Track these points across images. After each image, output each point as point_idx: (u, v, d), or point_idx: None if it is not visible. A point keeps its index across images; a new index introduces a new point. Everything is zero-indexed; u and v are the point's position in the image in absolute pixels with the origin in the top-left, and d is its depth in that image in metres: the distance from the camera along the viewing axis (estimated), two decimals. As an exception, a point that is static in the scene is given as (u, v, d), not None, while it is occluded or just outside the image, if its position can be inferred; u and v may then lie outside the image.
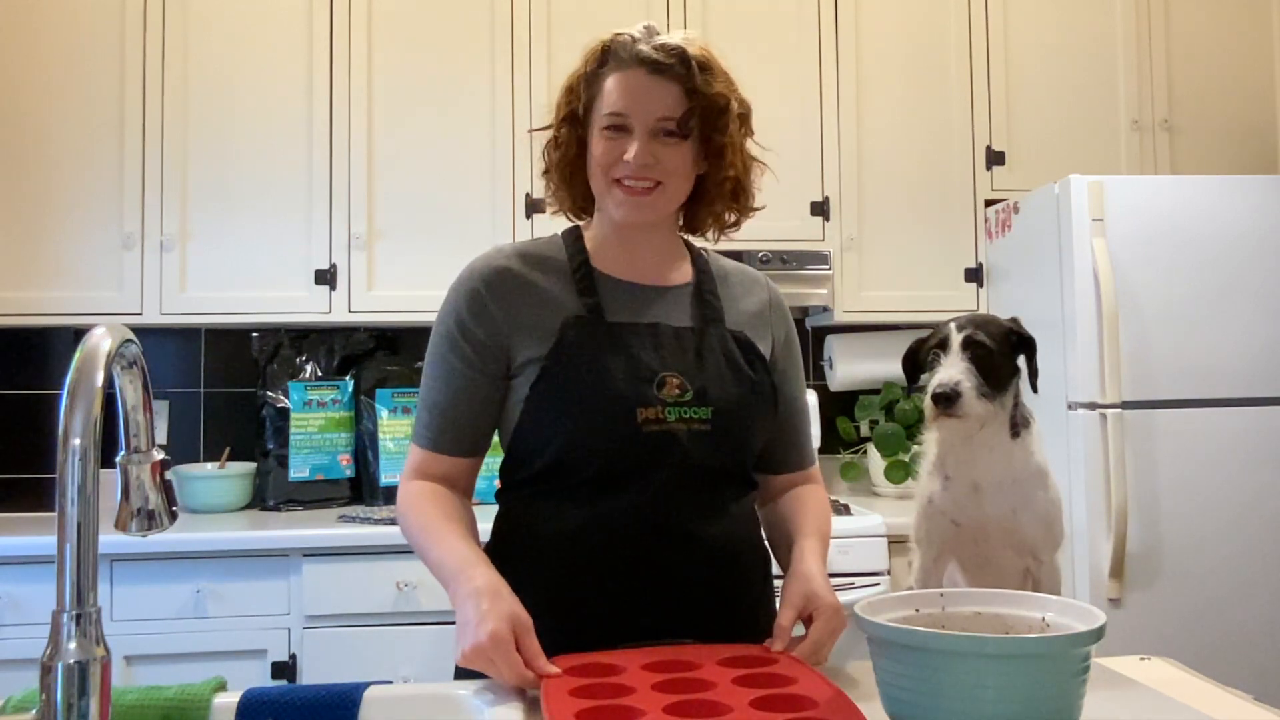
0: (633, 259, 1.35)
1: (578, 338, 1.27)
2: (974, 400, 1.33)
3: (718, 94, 1.26)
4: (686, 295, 1.36)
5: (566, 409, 1.25)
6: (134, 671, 2.34)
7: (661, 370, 1.27)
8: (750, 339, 1.35)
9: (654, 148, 1.25)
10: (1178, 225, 2.56)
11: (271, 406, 2.87)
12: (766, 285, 1.45)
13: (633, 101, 1.25)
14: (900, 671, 0.90)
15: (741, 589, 1.32)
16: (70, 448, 0.72)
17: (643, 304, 1.33)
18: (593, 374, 1.25)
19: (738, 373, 1.31)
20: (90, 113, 2.74)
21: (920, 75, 3.02)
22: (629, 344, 1.28)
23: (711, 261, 1.43)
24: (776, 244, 2.88)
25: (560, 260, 1.34)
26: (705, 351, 1.31)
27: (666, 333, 1.31)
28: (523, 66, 2.86)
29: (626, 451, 1.24)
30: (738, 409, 1.29)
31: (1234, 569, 2.51)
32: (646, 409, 1.25)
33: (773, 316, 1.42)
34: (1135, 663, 1.22)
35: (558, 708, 0.95)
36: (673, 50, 1.24)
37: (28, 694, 1.05)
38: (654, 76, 1.25)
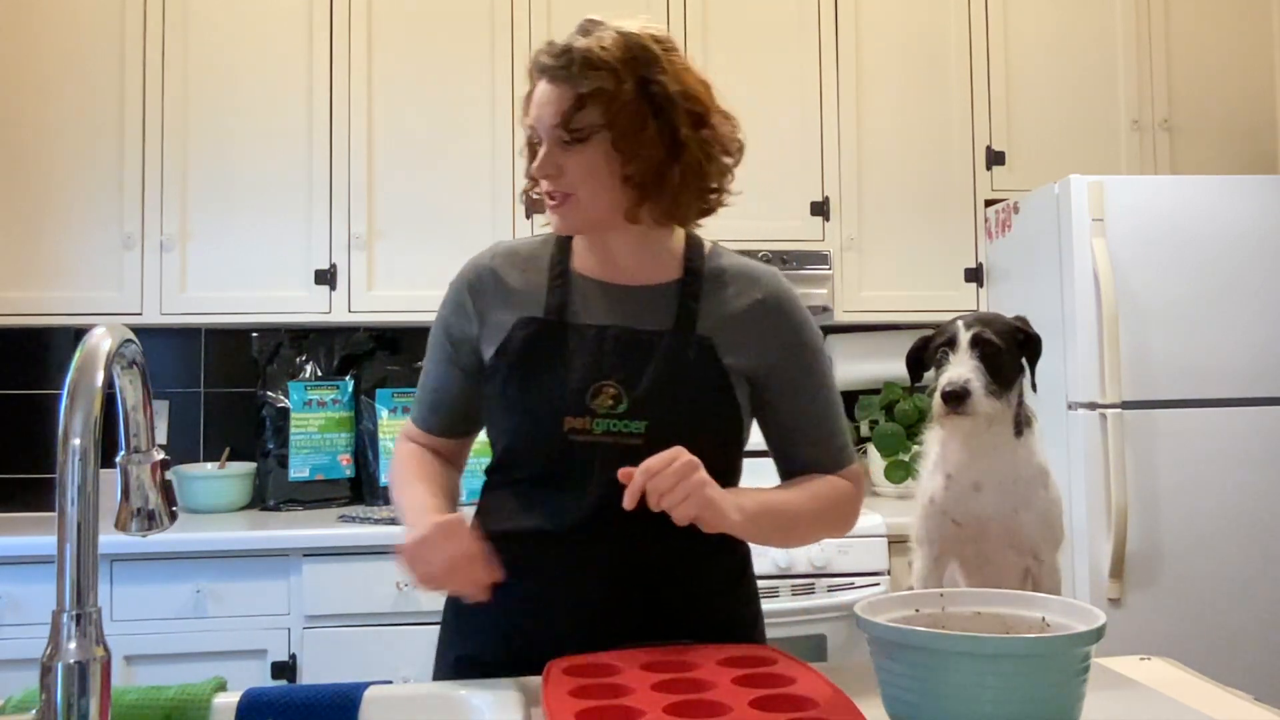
0: (607, 259, 1.32)
1: (524, 340, 1.27)
2: (983, 398, 1.33)
3: (597, 88, 1.19)
4: (667, 295, 1.30)
5: (506, 409, 1.27)
6: (134, 671, 2.34)
7: (599, 379, 1.24)
8: (716, 347, 1.27)
9: (556, 156, 1.22)
10: (1178, 225, 2.56)
11: (271, 406, 2.87)
12: (766, 285, 1.34)
13: (535, 113, 1.24)
14: (900, 671, 0.90)
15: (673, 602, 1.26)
16: (70, 448, 0.72)
17: (612, 305, 1.30)
18: (529, 378, 1.25)
19: (691, 385, 1.25)
20: (90, 113, 2.74)
21: (920, 75, 3.02)
22: (575, 348, 1.26)
23: (712, 259, 1.35)
24: (776, 244, 2.88)
25: (544, 259, 1.34)
26: (659, 359, 1.25)
27: (623, 338, 1.26)
28: (523, 67, 2.86)
29: (554, 458, 1.24)
30: (677, 425, 1.21)
31: (1234, 569, 2.51)
32: (574, 418, 1.23)
33: (766, 321, 1.32)
34: (1135, 663, 1.22)
35: (558, 708, 0.95)
36: (564, 53, 1.21)
37: (28, 694, 1.05)
38: (550, 84, 1.22)
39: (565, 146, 1.22)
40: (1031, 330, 1.40)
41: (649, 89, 1.22)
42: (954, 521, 1.39)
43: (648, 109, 1.22)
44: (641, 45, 1.23)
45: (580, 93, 1.20)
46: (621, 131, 1.21)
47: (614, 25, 1.25)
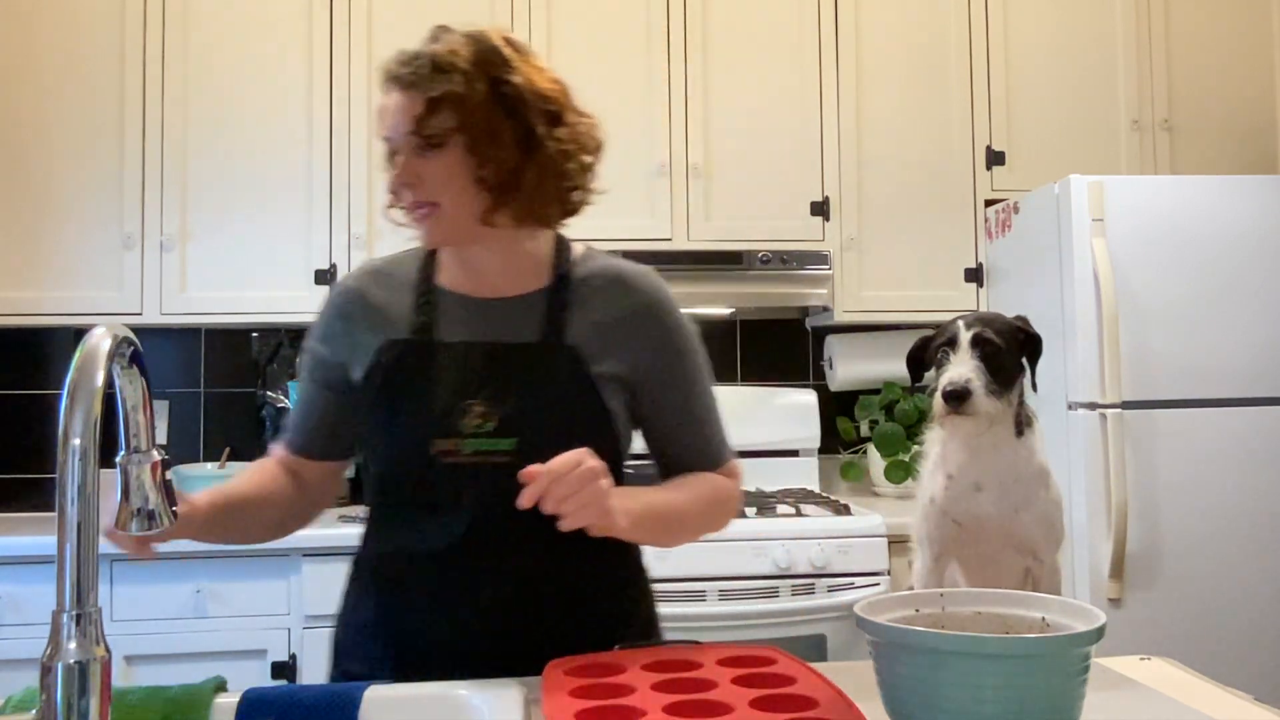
0: (471, 271, 1.29)
1: (391, 361, 1.25)
2: (984, 398, 1.33)
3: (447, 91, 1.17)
4: (534, 306, 1.27)
5: (375, 434, 1.25)
6: (134, 671, 2.34)
7: (468, 397, 1.21)
8: (585, 356, 1.24)
9: (414, 165, 1.20)
10: (1178, 225, 2.56)
11: (271, 406, 2.87)
12: (639, 289, 1.30)
13: (388, 122, 1.21)
14: (900, 671, 0.90)
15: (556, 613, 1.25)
16: (70, 448, 0.72)
17: (480, 320, 1.27)
18: (397, 401, 1.23)
19: (560, 398, 1.23)
20: (90, 113, 2.74)
21: (920, 75, 3.02)
22: (443, 368, 1.23)
23: (582, 264, 1.31)
24: (776, 244, 2.88)
25: (411, 276, 1.31)
26: (527, 374, 1.23)
27: (490, 353, 1.24)
28: (523, 66, 2.86)
29: (428, 482, 1.22)
30: (548, 440, 1.16)
31: (1234, 569, 2.51)
32: (443, 440, 1.21)
33: (637, 324, 1.28)
34: (1135, 663, 1.22)
35: (558, 708, 0.95)
36: (411, 59, 1.20)
37: (28, 694, 1.04)
38: (402, 91, 1.20)
39: (422, 153, 1.20)
40: (1032, 330, 1.40)
41: (501, 90, 1.21)
42: (954, 521, 1.39)
43: (500, 110, 1.20)
44: (491, 47, 1.23)
45: (431, 97, 1.18)
46: (475, 134, 1.19)
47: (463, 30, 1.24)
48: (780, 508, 2.61)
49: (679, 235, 2.88)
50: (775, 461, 3.08)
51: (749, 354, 3.25)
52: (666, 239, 2.88)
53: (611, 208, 2.87)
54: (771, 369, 3.25)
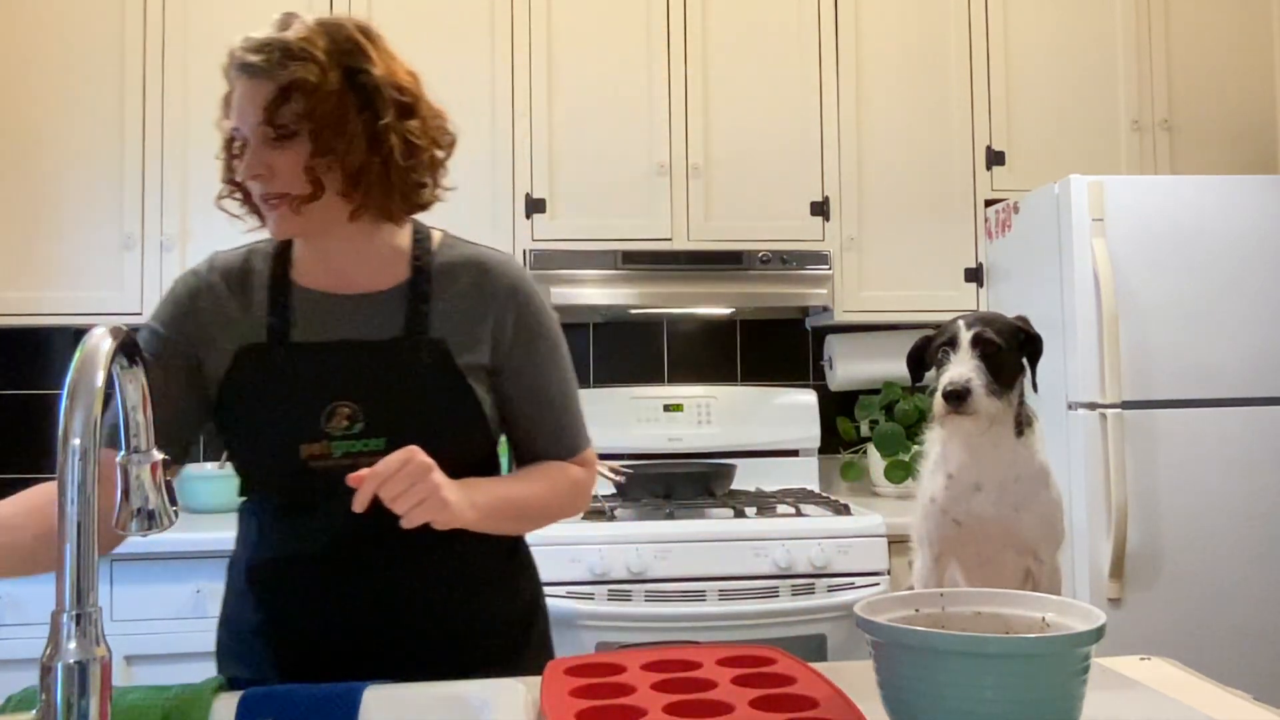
0: (329, 266, 1.26)
1: (250, 367, 1.21)
2: (984, 398, 1.33)
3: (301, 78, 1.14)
4: (394, 300, 1.25)
5: (239, 443, 1.23)
6: (134, 671, 2.34)
7: (334, 399, 1.19)
8: (450, 349, 1.23)
9: (265, 155, 1.17)
10: (1178, 225, 2.56)
11: (271, 406, 2.87)
12: (497, 274, 1.29)
13: (238, 111, 1.18)
14: (900, 671, 0.90)
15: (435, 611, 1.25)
16: (70, 448, 0.72)
17: (338, 318, 1.24)
18: (260, 408, 1.20)
19: (428, 393, 1.21)
20: (90, 113, 2.74)
21: (920, 75, 3.02)
22: (305, 370, 1.21)
23: (441, 254, 1.30)
24: (776, 244, 2.88)
25: (262, 274, 1.28)
26: (392, 370, 1.21)
27: (354, 352, 1.21)
28: (523, 66, 2.86)
29: (298, 487, 1.21)
30: (417, 436, 1.15)
31: (1234, 569, 2.51)
32: (311, 445, 1.18)
33: (495, 309, 1.27)
34: (1135, 663, 1.22)
35: (558, 707, 0.95)
36: (263, 47, 1.15)
37: (28, 694, 1.04)
38: (250, 80, 1.16)
39: (273, 144, 1.16)
40: (1032, 330, 1.40)
41: (356, 79, 1.18)
42: (954, 521, 1.39)
43: (353, 100, 1.18)
44: (346, 34, 1.19)
45: (283, 85, 1.14)
46: (326, 124, 1.15)
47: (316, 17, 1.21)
48: (780, 508, 2.61)
49: (679, 235, 2.88)
50: (775, 461, 3.08)
51: (749, 354, 3.25)
52: (666, 239, 2.88)
53: (611, 208, 2.89)
54: (771, 369, 3.25)
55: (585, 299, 2.76)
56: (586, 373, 3.19)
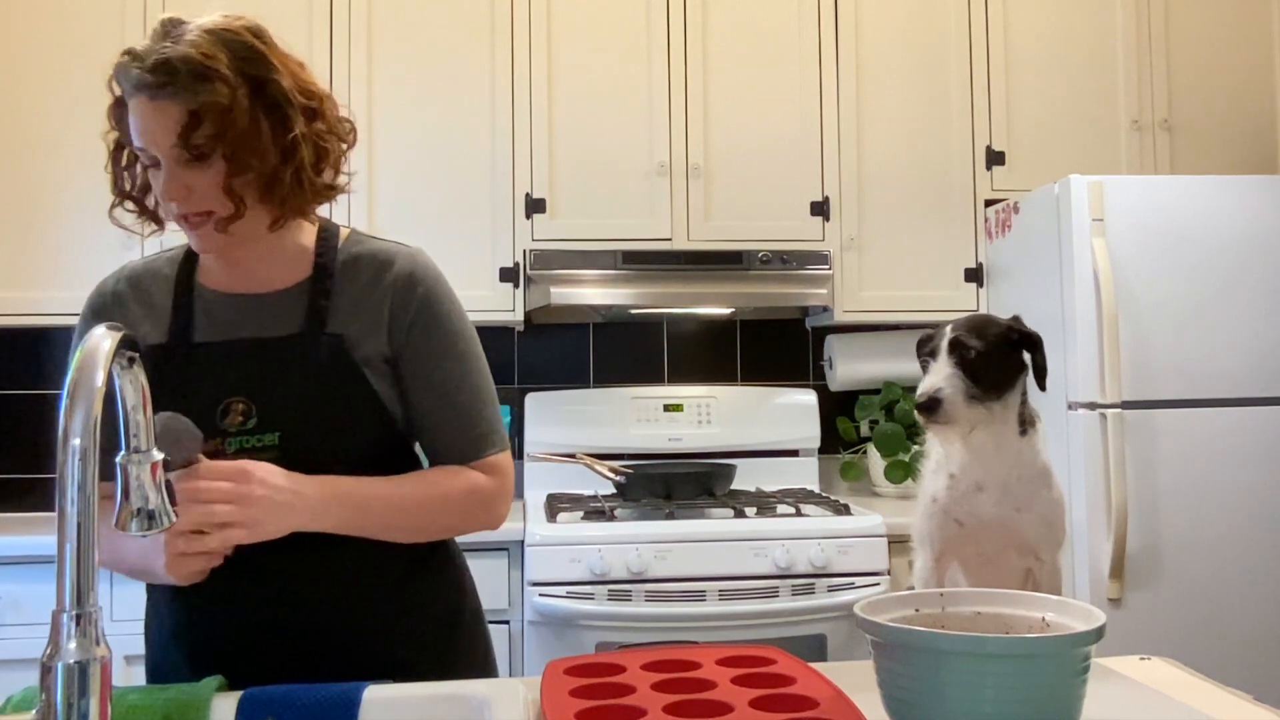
0: (235, 268, 1.26)
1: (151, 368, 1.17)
2: (960, 406, 1.32)
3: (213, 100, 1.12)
4: (296, 297, 1.26)
5: None
6: (134, 671, 2.34)
7: (229, 395, 1.20)
8: (348, 343, 1.23)
9: (183, 176, 1.15)
10: (1178, 225, 2.56)
11: (271, 406, 2.87)
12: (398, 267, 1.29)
13: (145, 134, 1.14)
14: (900, 671, 0.90)
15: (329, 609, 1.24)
16: (70, 448, 0.72)
17: (240, 317, 1.25)
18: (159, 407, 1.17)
19: (320, 386, 1.21)
20: (90, 113, 2.74)
21: (920, 75, 3.02)
22: (204, 369, 1.21)
23: (347, 248, 1.30)
24: (776, 244, 2.88)
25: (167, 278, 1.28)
26: (288, 366, 1.21)
27: (252, 349, 1.22)
28: (523, 66, 2.86)
29: None
30: (313, 429, 1.18)
31: (1234, 569, 2.51)
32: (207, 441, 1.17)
33: (396, 301, 1.27)
34: (1135, 663, 1.22)
35: (558, 707, 0.95)
36: (163, 66, 1.12)
37: (27, 694, 1.04)
38: (154, 101, 1.13)
39: (187, 164, 1.15)
40: (1025, 329, 1.39)
41: (263, 90, 1.17)
42: (956, 521, 1.39)
43: (263, 113, 1.17)
44: (244, 44, 1.18)
45: (193, 110, 1.12)
46: (240, 144, 1.14)
47: (199, 24, 1.17)
48: (780, 508, 2.61)
49: (679, 235, 2.88)
50: (775, 461, 3.08)
51: (749, 354, 3.25)
52: (666, 239, 2.88)
53: (611, 208, 2.89)
54: (771, 369, 3.25)
55: (585, 299, 2.76)
56: (587, 373, 3.19)
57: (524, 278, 2.79)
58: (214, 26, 1.17)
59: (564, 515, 2.57)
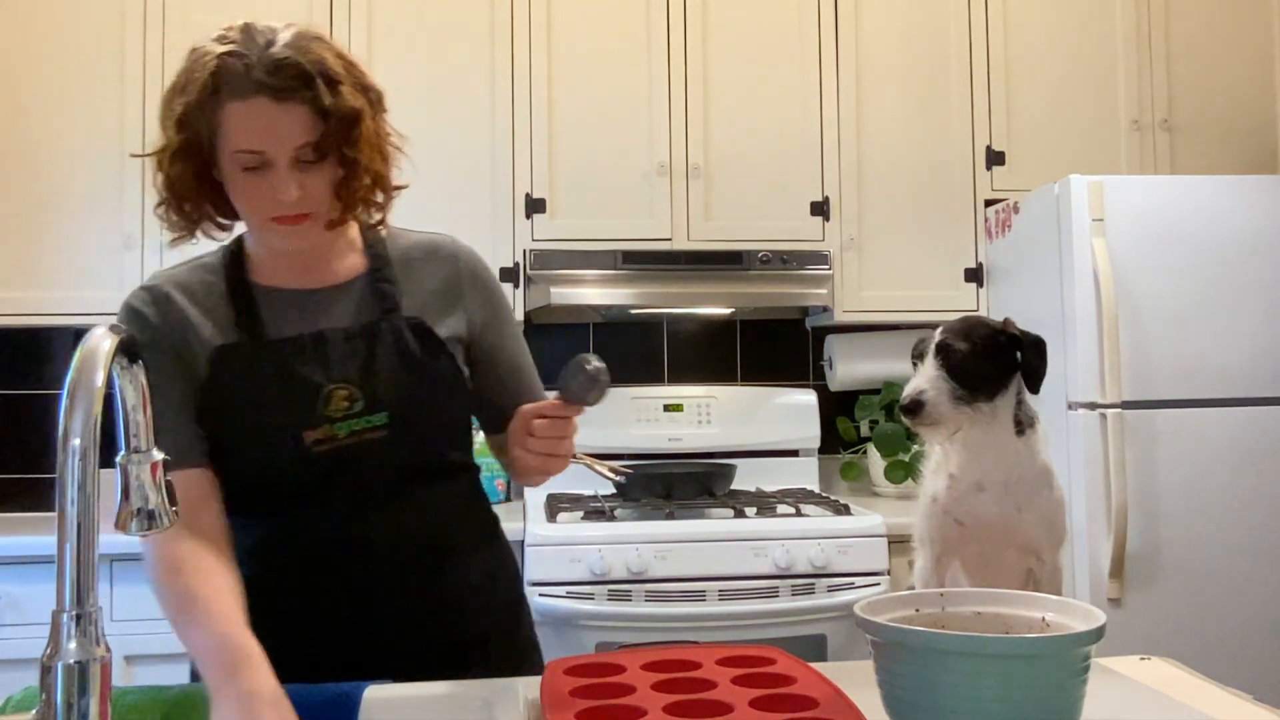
0: (293, 264, 1.29)
1: (231, 367, 1.22)
2: (942, 407, 1.32)
3: (350, 106, 1.17)
4: (359, 289, 1.30)
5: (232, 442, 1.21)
6: (134, 671, 2.34)
7: (327, 384, 1.22)
8: (429, 324, 1.28)
9: (298, 177, 1.17)
10: (1178, 225, 2.56)
11: (271, 406, 2.87)
12: (454, 252, 1.37)
13: (265, 135, 1.14)
14: (900, 671, 0.90)
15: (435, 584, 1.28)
16: (70, 448, 0.72)
17: (310, 311, 1.27)
18: (251, 403, 1.21)
19: (415, 366, 1.26)
20: (90, 113, 2.74)
21: (920, 75, 3.02)
22: (290, 362, 1.22)
23: (391, 242, 1.35)
24: (776, 244, 2.88)
25: (215, 283, 1.28)
26: (378, 351, 1.25)
27: (334, 339, 1.24)
28: (523, 66, 2.86)
29: (301, 475, 1.21)
30: (418, 406, 1.24)
31: (1234, 569, 2.51)
32: (314, 430, 1.20)
33: (465, 287, 1.35)
34: (1135, 663, 1.22)
35: (558, 707, 0.95)
36: (292, 69, 1.14)
37: (27, 694, 1.04)
38: (280, 103, 1.14)
39: (304, 167, 1.17)
40: (1016, 330, 1.39)
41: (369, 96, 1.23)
42: (957, 521, 1.39)
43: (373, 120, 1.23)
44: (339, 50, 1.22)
45: (324, 113, 1.15)
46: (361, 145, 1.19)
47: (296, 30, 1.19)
48: (780, 508, 2.61)
49: (679, 235, 2.88)
50: (775, 461, 3.08)
51: (749, 354, 3.25)
52: (666, 239, 2.88)
53: (611, 208, 2.89)
54: (771, 369, 3.25)
55: (585, 299, 2.76)
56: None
57: (524, 278, 2.80)
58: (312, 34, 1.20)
59: (564, 515, 2.57)
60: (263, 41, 1.17)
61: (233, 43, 1.17)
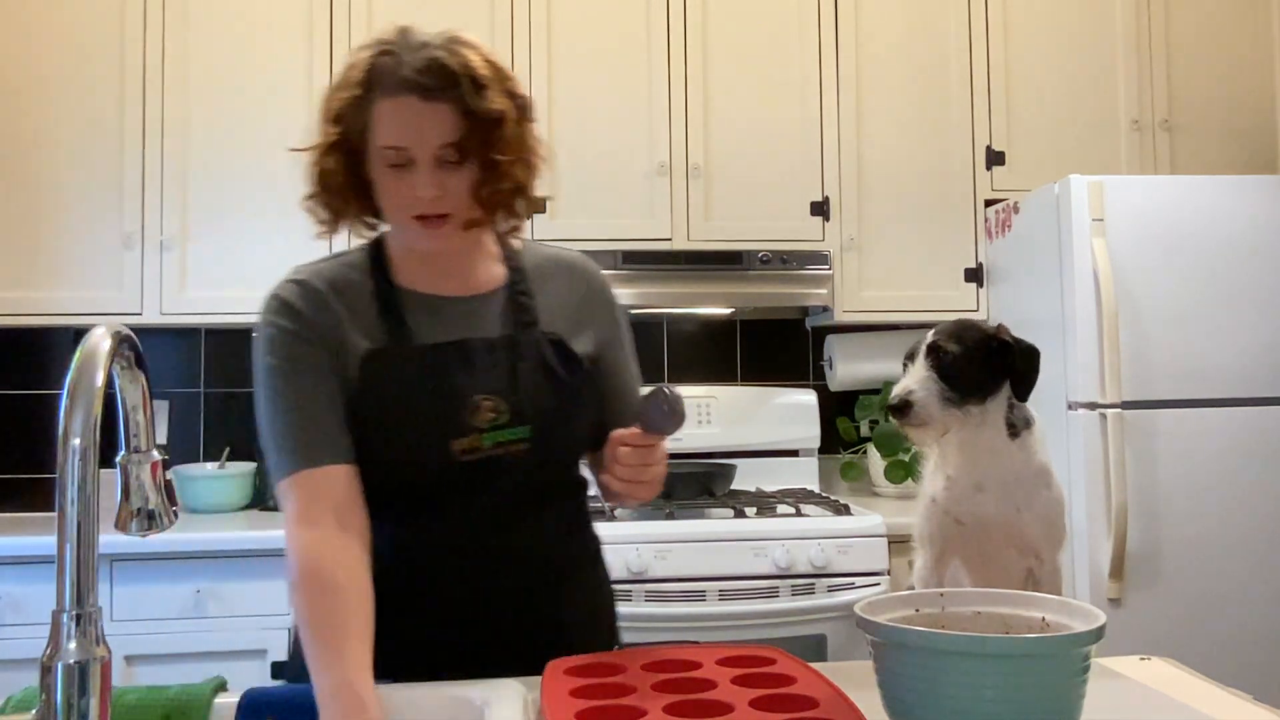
0: (436, 270, 1.30)
1: (380, 370, 1.23)
2: (930, 408, 1.32)
3: (494, 109, 1.18)
4: (499, 300, 1.31)
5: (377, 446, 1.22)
6: (134, 671, 2.34)
7: (474, 393, 1.23)
8: (565, 339, 1.30)
9: (439, 176, 1.19)
10: (1178, 225, 2.56)
11: (271, 406, 2.87)
12: (585, 271, 1.39)
13: (410, 133, 1.17)
14: (900, 671, 0.90)
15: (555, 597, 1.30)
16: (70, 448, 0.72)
17: (451, 319, 1.28)
18: (400, 409, 1.22)
19: (554, 381, 1.27)
20: (90, 113, 2.74)
21: (920, 75, 3.02)
22: (437, 368, 1.23)
23: (526, 254, 1.37)
24: (776, 244, 2.88)
25: (361, 281, 1.28)
26: (520, 363, 1.26)
27: (478, 348, 1.25)
28: (523, 66, 2.86)
29: (444, 481, 1.23)
30: (557, 420, 1.25)
31: (1234, 569, 2.51)
32: (461, 440, 1.21)
33: (594, 304, 1.37)
34: (1135, 663, 1.22)
35: (558, 707, 0.95)
36: (441, 70, 1.16)
37: (27, 694, 1.05)
38: (427, 102, 1.16)
39: (447, 167, 1.19)
40: (1007, 337, 1.38)
41: (516, 102, 1.23)
42: (956, 521, 1.39)
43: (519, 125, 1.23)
44: (491, 56, 1.23)
45: (470, 115, 1.17)
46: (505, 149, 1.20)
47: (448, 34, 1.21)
48: (780, 508, 2.61)
49: (679, 235, 2.88)
50: (775, 461, 3.08)
51: (749, 354, 3.25)
52: (666, 239, 2.88)
53: (611, 208, 2.89)
54: (771, 369, 3.25)
55: (585, 299, 2.76)
56: (586, 373, 3.18)
57: (524, 278, 2.79)
58: (466, 39, 1.22)
59: (564, 515, 2.57)
60: (416, 43, 1.20)
61: (389, 43, 1.21)
